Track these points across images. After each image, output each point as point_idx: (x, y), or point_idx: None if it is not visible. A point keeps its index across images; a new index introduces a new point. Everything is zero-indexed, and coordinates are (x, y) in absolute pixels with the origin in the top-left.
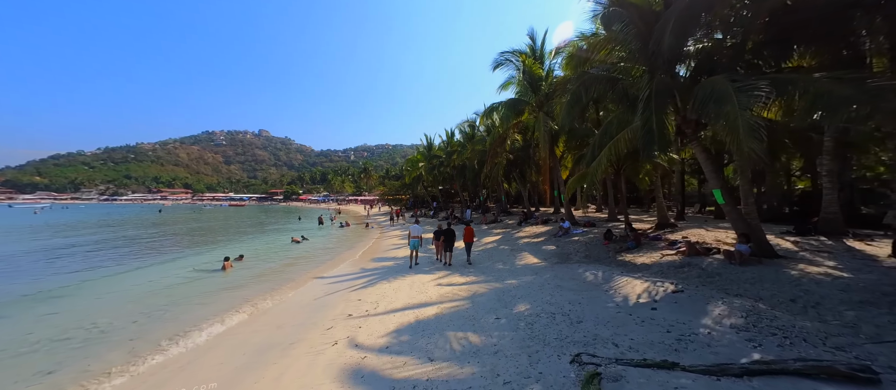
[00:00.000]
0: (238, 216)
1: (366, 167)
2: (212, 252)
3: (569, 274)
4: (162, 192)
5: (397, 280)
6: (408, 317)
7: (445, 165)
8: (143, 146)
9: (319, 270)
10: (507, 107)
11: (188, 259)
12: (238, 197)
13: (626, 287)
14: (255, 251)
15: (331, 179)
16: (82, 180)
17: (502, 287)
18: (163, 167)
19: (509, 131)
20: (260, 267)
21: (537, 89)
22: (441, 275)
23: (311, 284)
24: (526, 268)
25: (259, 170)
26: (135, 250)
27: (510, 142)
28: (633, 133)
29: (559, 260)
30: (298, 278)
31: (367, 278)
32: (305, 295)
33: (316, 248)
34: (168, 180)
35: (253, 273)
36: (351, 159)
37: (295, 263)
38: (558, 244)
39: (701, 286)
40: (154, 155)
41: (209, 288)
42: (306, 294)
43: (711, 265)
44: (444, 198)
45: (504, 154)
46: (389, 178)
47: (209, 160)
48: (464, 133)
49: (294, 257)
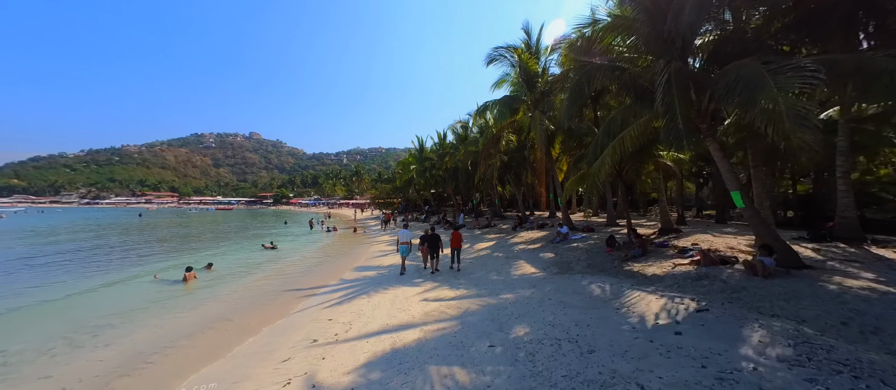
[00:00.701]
0: (222, 220)
1: (358, 170)
2: (180, 260)
3: (572, 286)
4: (147, 196)
5: (378, 293)
6: (383, 344)
7: (437, 168)
8: (129, 148)
9: (292, 281)
10: (501, 104)
11: (151, 268)
12: (226, 200)
13: (640, 303)
14: (227, 259)
15: (321, 183)
16: (63, 183)
17: (497, 303)
18: (149, 170)
19: (503, 131)
20: (227, 277)
21: (533, 86)
22: (428, 288)
23: (280, 300)
24: (523, 279)
25: (249, 174)
26: (97, 259)
27: (504, 142)
28: (640, 129)
29: (559, 269)
30: (265, 291)
31: (344, 291)
32: (269, 312)
33: (292, 256)
34: (154, 183)
35: (216, 285)
36: (343, 162)
37: (266, 273)
38: (557, 251)
39: (727, 303)
40: (140, 157)
41: (160, 304)
42: (270, 311)
43: (732, 277)
44: (437, 201)
45: (498, 155)
46: (382, 182)
47: (197, 163)
48: (456, 134)
49: (267, 266)
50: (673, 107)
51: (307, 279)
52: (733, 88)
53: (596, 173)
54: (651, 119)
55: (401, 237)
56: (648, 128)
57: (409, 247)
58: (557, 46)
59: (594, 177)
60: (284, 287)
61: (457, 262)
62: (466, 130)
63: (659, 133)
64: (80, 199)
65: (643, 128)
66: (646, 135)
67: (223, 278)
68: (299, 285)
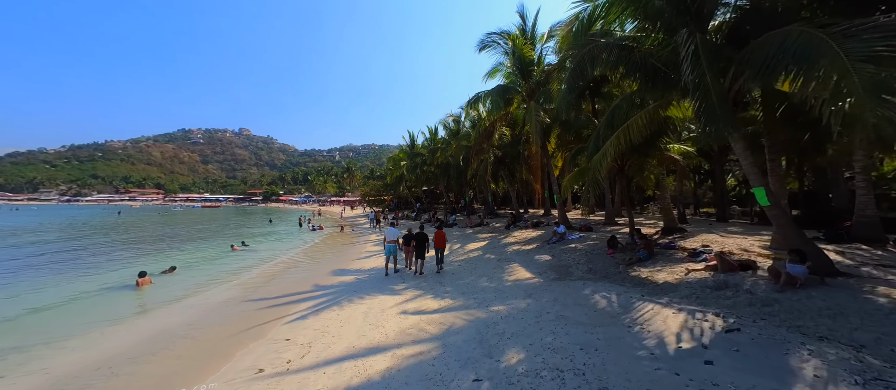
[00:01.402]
0: (205, 218)
1: (349, 167)
2: (140, 264)
3: (573, 296)
4: (131, 193)
5: (352, 304)
6: (344, 375)
7: (429, 164)
8: (113, 144)
9: (260, 289)
10: (494, 95)
11: (109, 272)
12: (213, 198)
13: (656, 320)
14: (195, 261)
15: (313, 180)
16: (42, 180)
17: (486, 317)
18: (134, 166)
19: (497, 124)
20: (188, 283)
21: (528, 75)
22: (409, 296)
23: (236, 310)
24: (517, 286)
25: (239, 170)
26: (51, 262)
27: (498, 136)
28: (647, 117)
29: (557, 274)
30: (227, 301)
31: (315, 300)
32: (216, 329)
33: (268, 259)
34: (139, 180)
35: (173, 293)
36: (336, 159)
37: (230, 278)
38: (554, 253)
39: (759, 320)
40: (124, 153)
41: (106, 316)
42: (218, 327)
43: (757, 287)
44: (430, 199)
45: (491, 150)
46: (374, 179)
47: (185, 159)
48: (448, 128)
49: (236, 270)
50: (704, 82)
51: (278, 286)
52: (774, 62)
53: (596, 167)
54: (660, 107)
55: (387, 236)
56: (656, 117)
57: (398, 246)
58: (554, 33)
59: (594, 172)
60: (249, 295)
61: (441, 264)
62: (458, 124)
63: (667, 123)
64: (59, 197)
65: (651, 117)
66: (653, 124)
67: (184, 284)
68: (266, 293)
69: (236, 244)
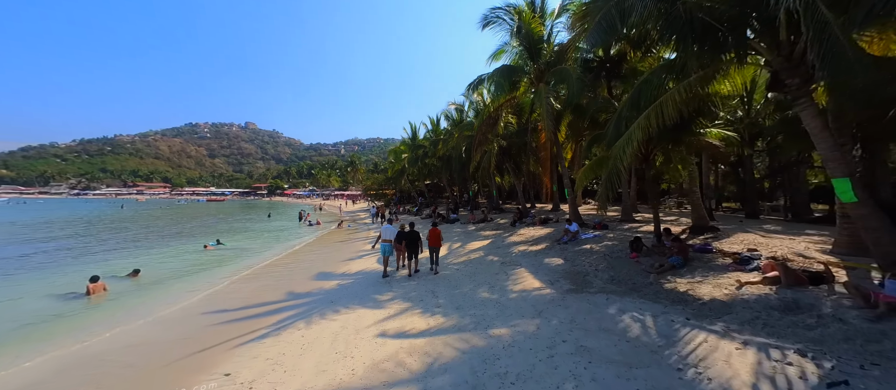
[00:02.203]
0: (206, 212)
1: (353, 160)
2: (116, 260)
3: (595, 316)
4: (138, 187)
5: (324, 320)
6: None
7: (431, 156)
8: (122, 138)
9: (223, 296)
10: (498, 76)
11: (69, 273)
12: (219, 191)
13: (714, 358)
14: (166, 262)
15: (317, 173)
16: (53, 173)
17: (484, 345)
18: (142, 160)
19: (501, 110)
20: (149, 290)
21: (537, 55)
22: (393, 311)
23: (188, 326)
24: (524, 299)
25: (245, 164)
26: (14, 260)
27: (503, 124)
28: (685, 93)
29: (572, 284)
30: (179, 312)
31: (283, 313)
32: (155, 353)
33: (247, 259)
34: (146, 174)
35: (125, 299)
36: (341, 153)
37: (197, 283)
38: (566, 255)
39: (870, 366)
40: (133, 147)
41: (28, 330)
42: (159, 351)
43: (844, 310)
44: (433, 193)
45: (495, 140)
46: (378, 172)
47: (192, 153)
48: (451, 119)
49: (207, 273)
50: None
51: (248, 293)
52: None
53: (618, 156)
54: (704, 79)
55: (383, 234)
56: (697, 93)
57: (393, 245)
58: (568, 7)
59: (616, 162)
60: (211, 306)
61: (435, 265)
62: (462, 113)
63: (707, 101)
64: (69, 190)
65: (691, 92)
66: (693, 101)
67: (143, 291)
68: (231, 303)
69: (210, 243)
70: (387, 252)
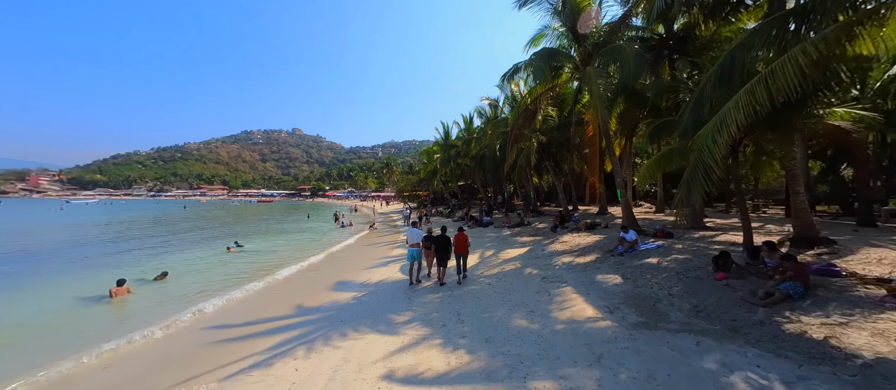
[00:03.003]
0: (253, 212)
1: (388, 162)
2: (156, 259)
3: (684, 373)
4: (201, 189)
5: (327, 347)
6: None
7: (463, 156)
8: (190, 146)
9: (231, 308)
10: (538, 60)
11: (104, 272)
12: (268, 193)
13: None
14: (195, 262)
15: (354, 176)
16: (135, 177)
17: None
18: (205, 165)
19: (540, 101)
20: (168, 293)
21: (582, 37)
22: (407, 339)
23: (183, 345)
24: (574, 333)
25: (292, 167)
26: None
27: (541, 117)
28: (819, 51)
29: (640, 314)
30: (183, 326)
31: (285, 333)
32: (135, 382)
33: (270, 261)
34: (208, 177)
35: (142, 306)
36: (379, 156)
37: (216, 289)
38: (625, 271)
39: None
40: (198, 154)
41: (27, 343)
42: (139, 380)
43: None
44: (467, 194)
45: (533, 135)
46: (412, 174)
47: (247, 158)
48: (483, 115)
49: (227, 277)
50: None
51: (257, 305)
52: None
53: (706, 146)
54: (845, 31)
55: (409, 238)
56: (829, 54)
57: (422, 250)
58: None
59: (701, 154)
60: (215, 319)
61: (463, 273)
62: (495, 110)
63: (837, 70)
64: (147, 192)
65: (821, 52)
66: (819, 68)
67: (163, 297)
68: (235, 317)
69: (231, 245)
70: (413, 257)
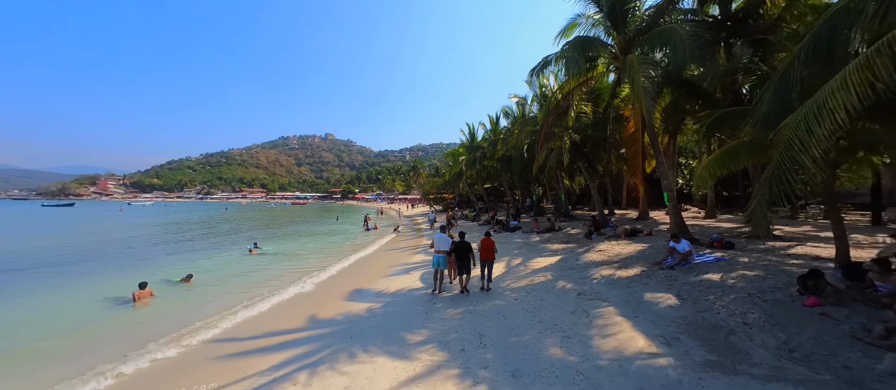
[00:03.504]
0: (288, 214)
1: (415, 165)
2: (183, 262)
3: None
4: (242, 192)
5: (333, 371)
6: None
7: (489, 157)
8: (234, 151)
9: (239, 316)
10: (571, 50)
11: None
12: (302, 196)
13: None
14: (220, 265)
15: (382, 179)
16: (186, 181)
17: None
18: (246, 169)
19: (573, 96)
20: (189, 298)
21: (622, 20)
22: (419, 367)
23: (185, 359)
24: (623, 372)
25: (324, 171)
26: (113, 256)
27: (574, 114)
28: None
29: (709, 350)
30: (188, 340)
31: (291, 350)
32: None
33: (291, 265)
34: (249, 181)
35: (161, 312)
36: (406, 159)
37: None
38: (679, 288)
39: None
40: (240, 159)
41: (79, 339)
42: None
43: None
44: (493, 197)
45: (565, 133)
46: (438, 176)
47: (283, 162)
48: (510, 115)
49: (248, 281)
50: None
51: (268, 314)
52: None
53: (792, 139)
54: None
55: (436, 244)
56: None
57: (448, 256)
58: None
59: (788, 149)
60: (223, 332)
61: (488, 281)
62: (524, 108)
63: None
64: (196, 195)
65: None
66: None
67: (185, 301)
68: (243, 330)
69: (250, 246)
70: (439, 264)
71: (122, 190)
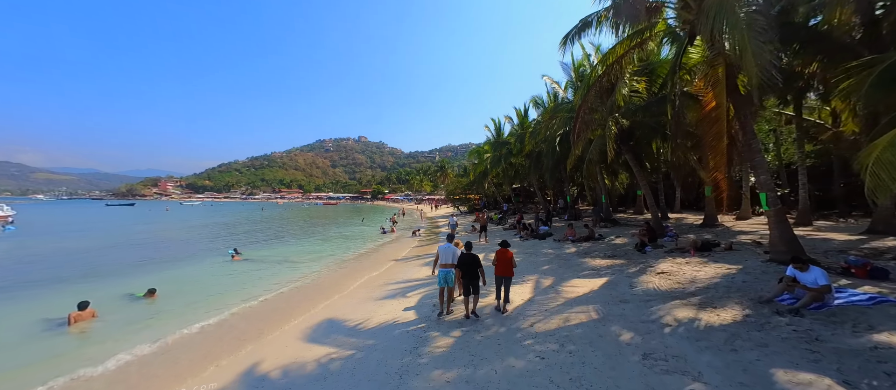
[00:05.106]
0: (317, 214)
1: (443, 165)
2: (159, 271)
3: None
4: (281, 192)
5: None
6: None
7: (517, 154)
8: (275, 154)
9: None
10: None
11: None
12: (336, 196)
13: None
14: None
15: (411, 179)
16: (233, 183)
17: None
18: (286, 171)
19: (623, 65)
20: (140, 317)
21: None
22: None
23: None
24: None
25: (357, 172)
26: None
27: (626, 90)
28: None
29: None
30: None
31: None
32: None
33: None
34: (288, 182)
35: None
36: (436, 160)
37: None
38: (828, 354)
39: None
40: (281, 161)
41: None
42: None
43: None
44: (522, 198)
45: (610, 118)
46: (465, 176)
47: (320, 164)
48: (540, 105)
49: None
50: None
51: (206, 346)
52: None
53: None
54: None
55: (441, 256)
56: None
57: (455, 272)
58: None
59: None
60: (150, 366)
61: (505, 302)
62: (556, 98)
63: None
64: (240, 195)
65: None
66: None
67: (131, 321)
68: (169, 366)
69: (235, 253)
70: (444, 281)
71: (179, 191)
